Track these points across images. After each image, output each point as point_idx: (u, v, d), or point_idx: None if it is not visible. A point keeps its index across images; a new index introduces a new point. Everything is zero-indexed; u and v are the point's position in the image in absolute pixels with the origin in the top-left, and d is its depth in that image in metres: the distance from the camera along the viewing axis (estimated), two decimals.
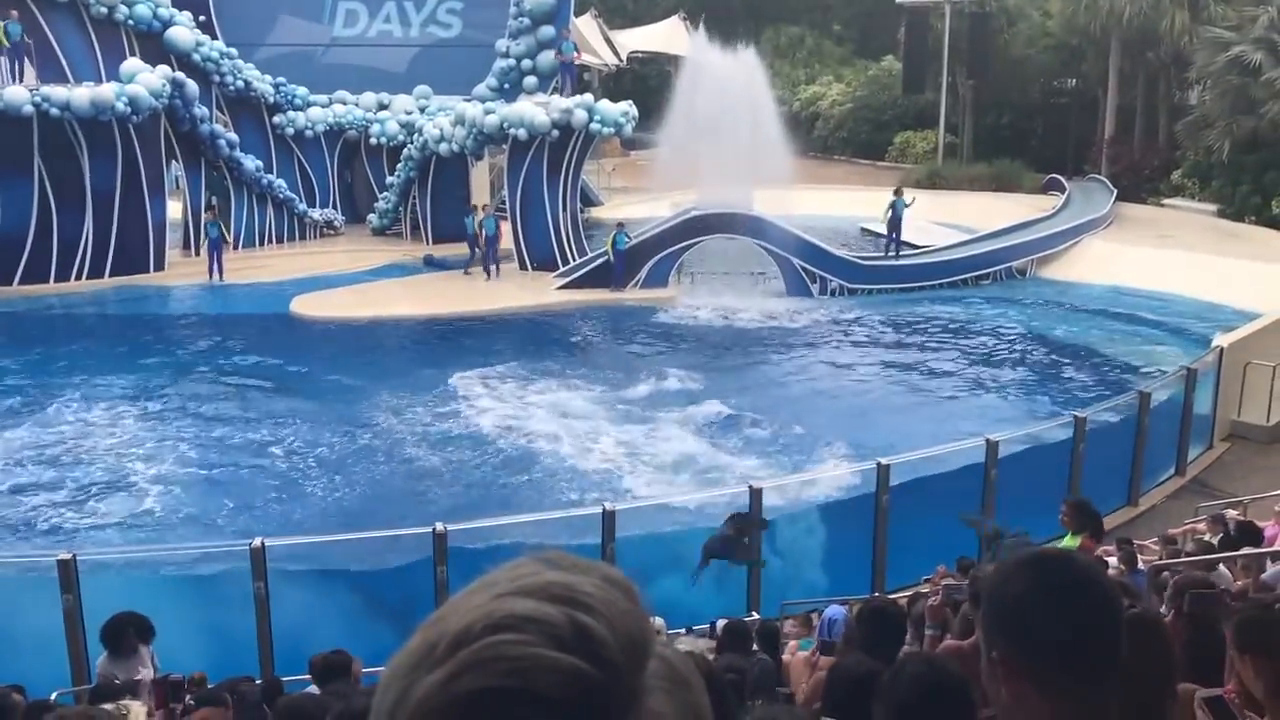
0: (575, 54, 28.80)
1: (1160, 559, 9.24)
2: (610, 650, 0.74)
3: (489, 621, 0.74)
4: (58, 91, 23.28)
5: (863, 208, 30.73)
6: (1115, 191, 31.95)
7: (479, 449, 15.73)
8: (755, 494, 11.41)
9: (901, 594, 9.82)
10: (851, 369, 19.72)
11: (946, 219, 31.09)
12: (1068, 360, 20.51)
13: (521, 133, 24.67)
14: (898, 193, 26.56)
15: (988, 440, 12.57)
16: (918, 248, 27.38)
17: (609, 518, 10.88)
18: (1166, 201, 32.57)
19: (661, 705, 0.76)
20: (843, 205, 32.50)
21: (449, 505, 13.57)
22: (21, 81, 24.04)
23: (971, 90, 40.35)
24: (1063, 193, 32.79)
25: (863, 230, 31.36)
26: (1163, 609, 6.59)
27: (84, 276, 24.21)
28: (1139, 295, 24.47)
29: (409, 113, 29.02)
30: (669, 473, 14.82)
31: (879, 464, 11.93)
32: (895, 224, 26.21)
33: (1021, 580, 1.55)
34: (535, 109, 24.96)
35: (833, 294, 24.42)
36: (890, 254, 26.26)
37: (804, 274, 24.30)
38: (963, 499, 12.33)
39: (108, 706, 5.10)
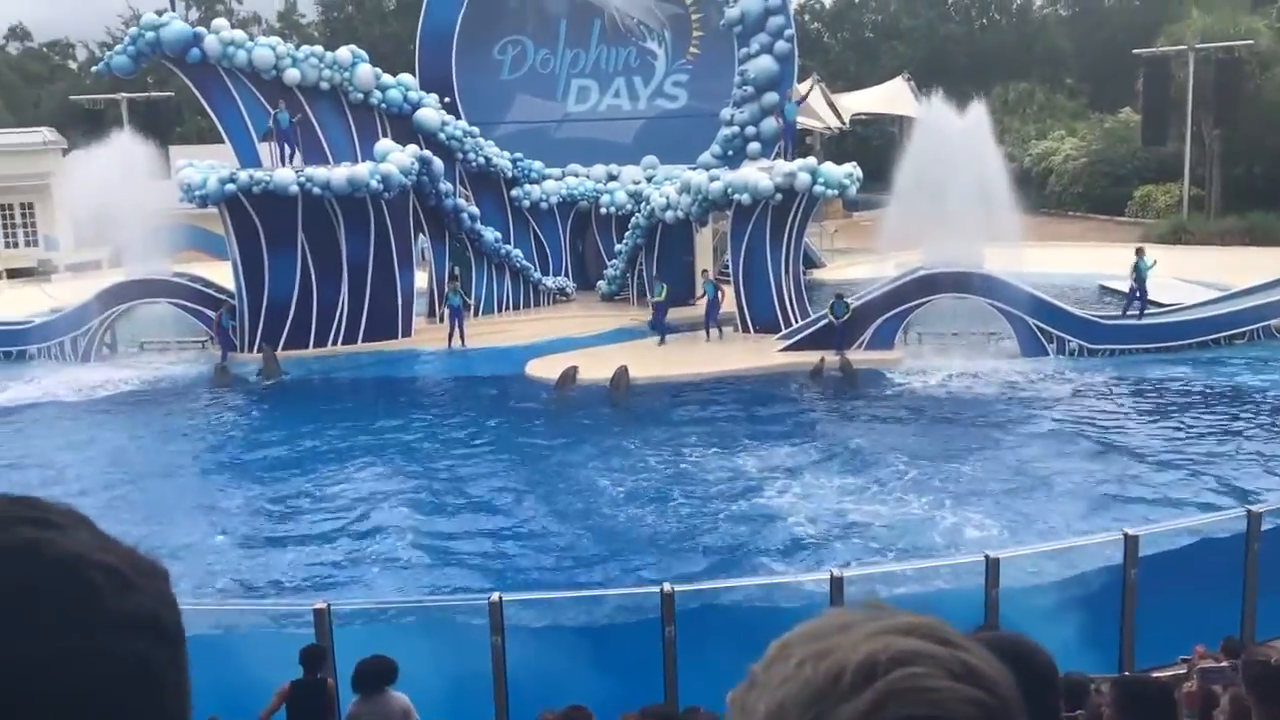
0: (795, 117, 29.06)
1: None
2: (1003, 689, 0.80)
3: (890, 656, 0.80)
4: (319, 172, 25.31)
5: (1101, 265, 29.49)
6: None
7: (699, 510, 15.85)
8: (992, 564, 11.02)
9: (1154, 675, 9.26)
10: (1092, 434, 18.80)
11: (1193, 275, 29.37)
12: None
13: (745, 198, 25.03)
14: (1139, 253, 25.36)
15: (1249, 511, 11.73)
16: (1163, 306, 25.96)
17: (836, 584, 10.75)
18: None
19: None
20: (1079, 263, 31.24)
21: (672, 564, 13.72)
22: (291, 164, 26.30)
23: (1219, 140, 38.18)
24: None
25: (1101, 288, 30.02)
26: None
27: (339, 342, 26.06)
28: None
29: (637, 182, 29.99)
30: (893, 539, 14.50)
31: (1125, 535, 11.32)
32: (1140, 284, 24.98)
33: None
34: (759, 174, 25.29)
35: (1071, 355, 23.42)
36: (1131, 313, 25.00)
37: (1040, 334, 23.44)
38: (1220, 575, 11.53)
39: None
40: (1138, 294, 25.06)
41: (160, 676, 0.87)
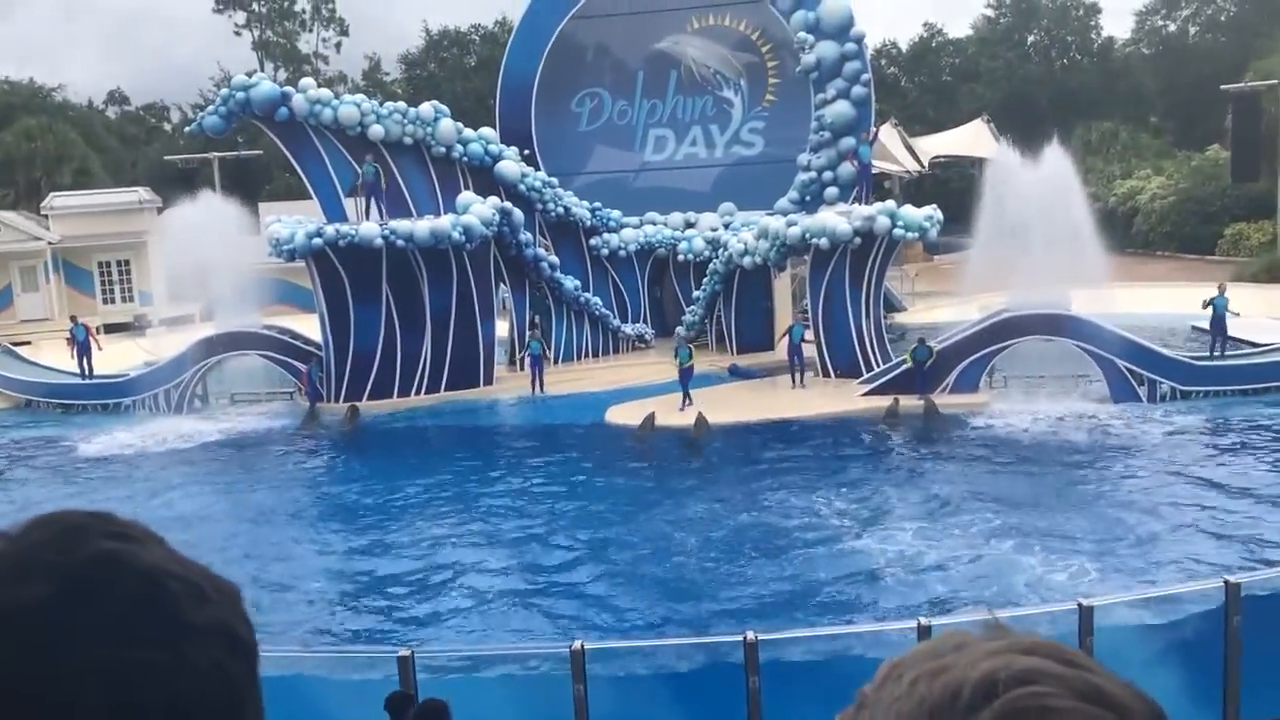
0: (870, 158, 28.93)
1: None
2: (1133, 714, 0.76)
3: (1010, 674, 0.76)
4: (403, 225, 25.80)
5: (1191, 305, 28.78)
6: None
7: (780, 556, 15.65)
8: (1085, 613, 10.69)
9: None
10: (1188, 480, 18.22)
11: None
12: None
13: (824, 242, 24.94)
14: (1220, 290, 24.70)
15: None
16: (1257, 345, 25.20)
17: (924, 633, 10.51)
18: None
19: None
20: (1169, 303, 30.54)
21: (754, 611, 13.55)
22: (380, 218, 26.90)
23: None
24: None
25: (1193, 328, 29.27)
26: None
27: (422, 391, 26.41)
28: None
29: (714, 229, 30.10)
30: (979, 586, 14.15)
31: (1227, 582, 10.90)
32: (1218, 323, 24.35)
33: None
34: (837, 218, 25.19)
35: (1163, 398, 22.80)
36: (1216, 354, 24.35)
37: (1130, 377, 22.87)
38: None
39: None
40: (1219, 333, 24.47)
41: (239, 688, 0.88)
